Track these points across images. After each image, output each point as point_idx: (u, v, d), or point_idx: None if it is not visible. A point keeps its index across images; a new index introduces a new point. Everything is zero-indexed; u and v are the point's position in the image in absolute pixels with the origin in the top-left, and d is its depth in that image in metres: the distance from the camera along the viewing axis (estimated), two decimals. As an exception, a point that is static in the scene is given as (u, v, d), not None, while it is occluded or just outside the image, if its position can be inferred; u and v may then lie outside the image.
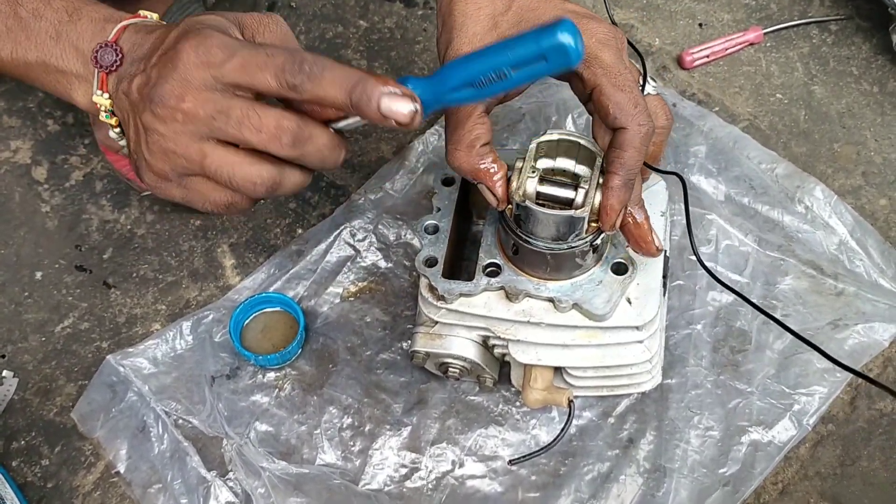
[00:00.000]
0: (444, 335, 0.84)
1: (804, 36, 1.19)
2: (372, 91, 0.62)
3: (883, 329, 0.95)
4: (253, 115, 0.65)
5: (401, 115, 0.63)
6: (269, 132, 0.65)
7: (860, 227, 1.00)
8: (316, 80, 0.63)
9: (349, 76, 0.63)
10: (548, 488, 0.88)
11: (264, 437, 0.91)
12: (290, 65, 0.63)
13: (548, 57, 0.61)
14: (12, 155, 1.09)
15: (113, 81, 0.70)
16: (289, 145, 0.65)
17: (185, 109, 0.65)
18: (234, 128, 0.65)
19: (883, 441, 0.91)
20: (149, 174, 0.70)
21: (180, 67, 0.65)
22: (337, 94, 0.63)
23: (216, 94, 0.65)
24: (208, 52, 0.65)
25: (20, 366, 0.96)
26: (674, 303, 0.96)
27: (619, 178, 0.72)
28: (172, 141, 0.66)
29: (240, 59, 0.64)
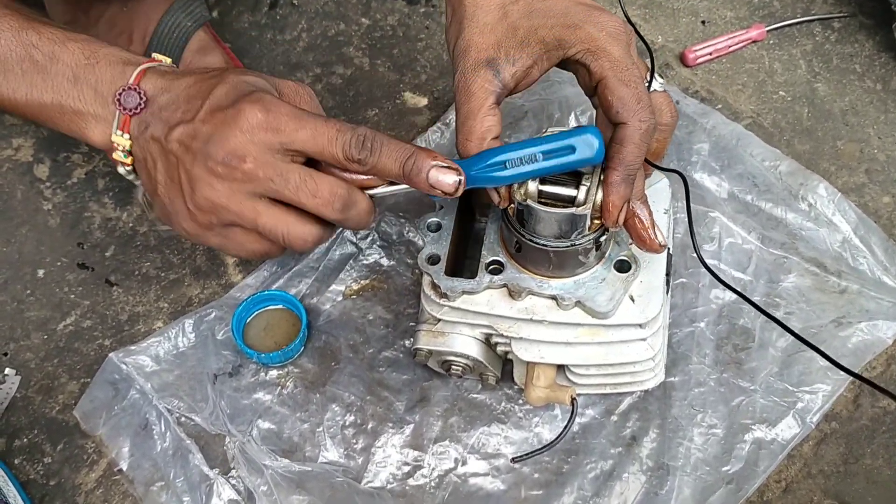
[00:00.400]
0: (447, 333, 0.84)
1: (807, 33, 1.18)
2: (422, 164, 0.70)
3: (886, 327, 0.95)
4: (310, 182, 0.70)
5: (446, 185, 0.71)
6: (324, 198, 0.71)
7: (864, 225, 1.00)
8: (376, 154, 0.71)
9: (403, 151, 0.71)
10: (551, 486, 0.88)
11: (267, 435, 0.91)
12: (356, 141, 0.70)
13: (576, 147, 0.71)
14: (14, 153, 1.09)
15: (136, 124, 0.73)
16: (339, 210, 0.72)
17: (245, 170, 0.69)
18: (292, 191, 0.70)
19: (886, 439, 0.91)
20: (189, 223, 0.73)
21: (245, 128, 0.69)
22: (392, 167, 0.71)
23: (276, 157, 0.70)
24: (278, 119, 0.69)
25: (22, 364, 0.96)
26: (677, 300, 0.96)
27: (618, 173, 0.72)
28: (226, 197, 0.71)
29: (311, 131, 0.70)
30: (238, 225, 0.72)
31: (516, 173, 0.72)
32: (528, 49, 0.73)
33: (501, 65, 0.72)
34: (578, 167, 0.72)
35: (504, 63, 0.72)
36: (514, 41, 0.73)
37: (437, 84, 1.14)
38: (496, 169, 0.71)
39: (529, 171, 0.72)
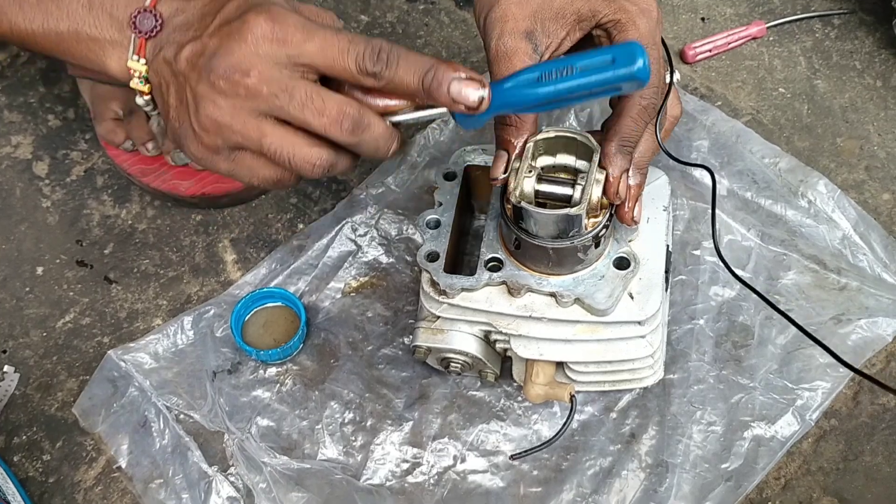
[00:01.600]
0: (446, 330, 0.84)
1: (807, 30, 1.18)
2: (443, 76, 0.65)
3: (886, 324, 0.95)
4: (317, 99, 0.65)
5: (469, 99, 0.65)
6: (331, 117, 0.66)
7: (864, 222, 1.00)
8: (392, 67, 0.65)
9: (422, 62, 0.65)
10: (549, 483, 0.88)
11: (266, 432, 0.91)
12: (370, 52, 0.65)
13: (615, 58, 0.64)
14: (13, 150, 1.09)
15: (151, 47, 0.70)
16: (348, 131, 0.66)
17: (248, 84, 0.65)
18: (297, 109, 0.66)
19: (886, 436, 0.91)
20: (196, 145, 0.69)
21: (249, 40, 0.65)
22: (410, 80, 0.65)
23: (284, 72, 0.65)
24: (285, 30, 0.65)
25: (21, 361, 0.96)
26: (676, 298, 0.96)
27: (613, 144, 0.73)
28: (230, 115, 0.66)
29: (320, 42, 0.65)
30: (245, 148, 0.68)
31: (552, 90, 0.65)
32: (562, 21, 0.73)
33: (539, 37, 0.72)
34: (619, 85, 0.65)
35: (541, 36, 0.72)
36: (551, 12, 0.72)
37: (437, 81, 1.14)
38: (529, 85, 0.66)
39: (565, 88, 0.65)
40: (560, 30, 0.73)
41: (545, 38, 0.72)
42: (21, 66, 1.15)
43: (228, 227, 1.04)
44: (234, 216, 1.05)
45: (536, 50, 0.72)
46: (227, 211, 1.05)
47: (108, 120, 1.04)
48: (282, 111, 0.66)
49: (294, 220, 1.05)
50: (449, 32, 1.18)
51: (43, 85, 1.14)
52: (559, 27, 0.73)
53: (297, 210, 1.05)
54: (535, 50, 0.72)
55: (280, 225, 1.04)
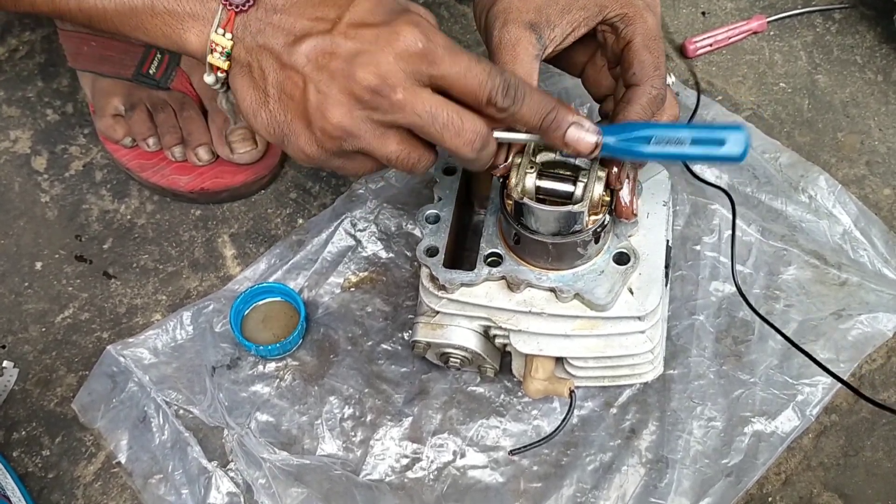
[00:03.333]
0: (445, 325, 0.84)
1: (808, 24, 1.18)
2: (562, 120, 0.68)
3: (887, 319, 0.94)
4: (457, 120, 0.66)
5: (583, 144, 0.68)
6: (467, 138, 0.67)
7: (864, 217, 1.00)
8: (519, 103, 0.67)
9: (546, 104, 0.67)
10: (550, 479, 0.88)
11: (265, 428, 0.91)
12: (503, 88, 0.66)
13: (726, 140, 0.68)
14: (12, 145, 1.09)
15: (240, 24, 0.66)
16: (477, 150, 0.68)
17: (395, 101, 0.65)
18: (437, 129, 0.66)
19: (886, 431, 0.91)
20: (311, 146, 0.68)
21: (401, 54, 0.64)
22: (532, 119, 0.68)
23: (425, 90, 0.65)
24: (435, 49, 0.65)
25: (20, 356, 0.96)
26: (676, 293, 0.96)
27: None
28: (363, 126, 0.66)
29: (464, 69, 0.65)
30: (367, 153, 0.68)
31: (660, 152, 0.69)
32: (568, 16, 0.73)
33: (543, 29, 0.73)
34: (718, 162, 0.70)
35: (546, 27, 0.73)
36: (556, 7, 0.73)
37: (436, 76, 1.14)
38: (640, 143, 0.69)
39: (673, 154, 0.69)
40: (566, 24, 0.73)
41: (549, 30, 0.73)
42: (19, 60, 1.15)
43: (228, 223, 1.04)
44: (233, 211, 1.05)
45: (540, 41, 0.72)
46: (227, 206, 1.05)
47: (108, 115, 1.04)
48: (420, 128, 0.66)
49: (293, 215, 1.04)
50: (449, 27, 1.18)
51: (41, 79, 1.14)
52: (565, 21, 0.73)
53: (297, 205, 1.05)
54: (539, 41, 0.72)
55: (279, 220, 1.04)
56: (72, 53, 1.05)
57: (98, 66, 1.04)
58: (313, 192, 1.06)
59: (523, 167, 0.74)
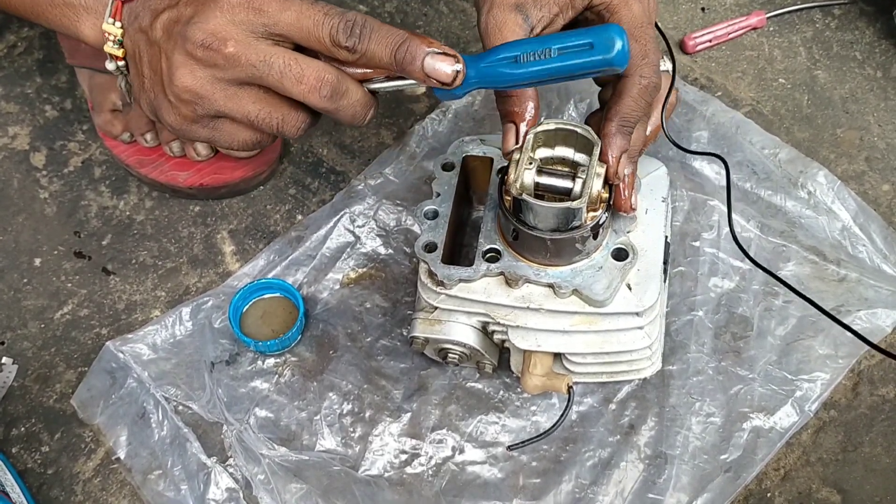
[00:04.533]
0: (444, 321, 0.84)
1: (807, 20, 1.18)
2: (416, 50, 0.64)
3: (886, 315, 0.94)
4: (295, 66, 0.65)
5: (443, 73, 0.65)
6: (310, 84, 0.66)
7: (863, 213, 1.00)
8: (365, 40, 0.65)
9: (395, 36, 0.65)
10: (548, 474, 0.88)
11: (264, 424, 0.91)
12: (344, 26, 0.65)
13: (594, 44, 0.64)
14: (10, 141, 1.09)
15: (128, 13, 0.69)
16: (327, 98, 0.66)
17: (227, 54, 0.65)
18: (276, 77, 0.65)
19: (885, 427, 0.91)
20: (173, 116, 0.69)
21: (225, 8, 0.65)
22: (383, 54, 0.65)
23: (260, 41, 0.65)
24: None
25: (19, 352, 0.96)
26: (675, 289, 0.96)
27: (613, 124, 0.74)
28: (209, 84, 0.66)
29: (295, 13, 0.65)
30: (226, 116, 0.69)
31: (528, 71, 0.65)
32: None
33: (530, 9, 0.72)
34: (596, 70, 0.65)
35: (532, 8, 0.72)
36: None
37: (435, 72, 1.14)
38: (506, 64, 0.66)
39: (543, 70, 0.65)
40: (553, 5, 0.73)
41: (537, 10, 0.72)
42: (18, 56, 1.15)
43: (227, 219, 1.04)
44: (232, 207, 1.05)
45: (527, 21, 0.72)
46: (226, 202, 1.05)
47: (107, 111, 1.04)
48: (261, 80, 0.66)
49: (292, 211, 1.04)
50: (448, 22, 1.18)
51: (40, 75, 1.14)
52: (552, 3, 0.73)
53: (296, 201, 1.05)
54: (526, 21, 0.72)
55: (278, 216, 1.04)
56: (69, 50, 1.05)
57: (95, 63, 1.03)
58: (312, 188, 1.06)
59: (522, 163, 0.74)
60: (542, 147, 0.77)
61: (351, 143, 1.09)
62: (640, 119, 0.76)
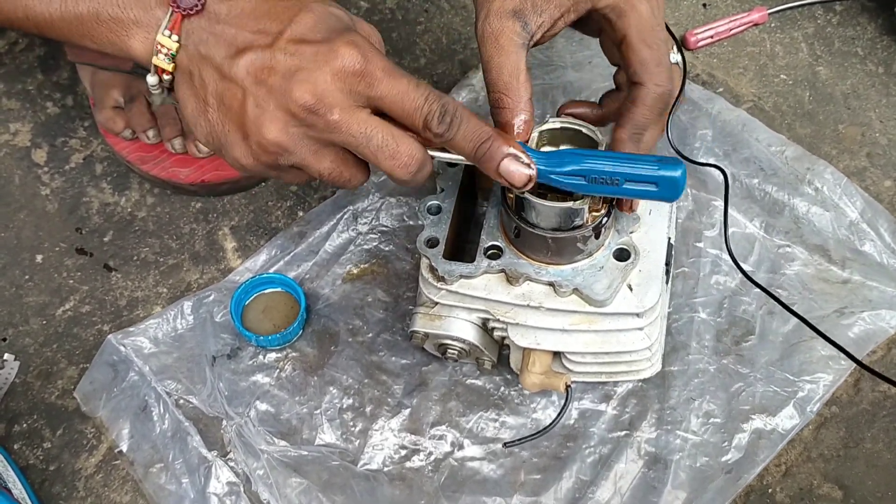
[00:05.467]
0: (444, 316, 0.84)
1: (809, 16, 1.17)
2: (496, 151, 0.67)
3: (890, 316, 0.94)
4: (392, 143, 0.66)
5: (516, 178, 0.67)
6: (401, 161, 0.67)
7: (871, 208, 0.99)
8: (453, 131, 0.66)
9: (481, 133, 0.67)
10: (548, 471, 0.88)
11: (265, 418, 0.91)
12: (439, 114, 0.66)
13: (659, 184, 0.67)
14: (12, 138, 1.09)
15: (187, 30, 0.67)
16: (412, 174, 0.68)
17: (330, 120, 0.65)
18: (372, 150, 0.66)
19: (887, 423, 0.91)
20: (248, 159, 0.69)
21: (338, 73, 0.64)
22: (466, 147, 0.67)
23: (363, 112, 0.66)
24: (374, 70, 0.65)
25: (21, 349, 0.96)
26: (677, 289, 0.96)
27: (626, 131, 0.73)
28: (299, 142, 0.67)
29: (400, 91, 0.65)
30: (301, 167, 0.69)
31: (594, 188, 0.69)
32: (556, 1, 0.71)
33: (529, 15, 0.71)
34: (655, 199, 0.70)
35: (531, 14, 0.71)
36: None
37: (437, 68, 1.14)
38: (576, 179, 0.69)
39: (606, 191, 0.69)
40: (553, 9, 0.72)
41: (537, 16, 0.71)
42: (19, 52, 1.15)
43: (228, 215, 1.04)
44: (233, 204, 1.05)
45: (526, 28, 0.71)
46: (227, 198, 1.05)
47: (109, 108, 1.04)
48: (356, 149, 0.67)
49: (294, 207, 1.04)
50: (449, 19, 1.17)
51: (41, 72, 1.14)
52: (553, 7, 0.71)
53: (297, 198, 1.05)
54: (525, 28, 0.71)
55: (280, 212, 1.04)
56: (71, 47, 1.05)
57: (97, 59, 1.03)
58: (314, 184, 1.06)
59: None
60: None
61: (352, 140, 1.09)
62: (653, 124, 0.75)
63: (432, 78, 1.13)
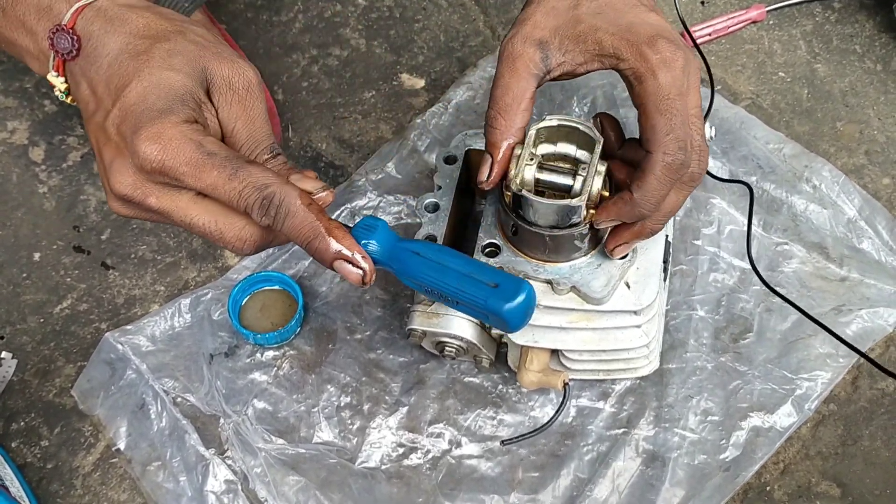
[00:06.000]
0: (442, 314, 0.84)
1: (807, 13, 1.17)
2: (325, 251, 0.64)
3: (888, 314, 0.94)
4: (215, 229, 0.65)
5: (350, 278, 0.65)
6: (232, 245, 0.66)
7: (869, 206, 0.99)
8: (279, 223, 0.64)
9: (308, 230, 0.64)
10: (546, 468, 0.88)
11: (262, 416, 0.91)
12: (260, 206, 0.63)
13: (489, 316, 0.65)
14: (9, 136, 1.09)
15: (69, 70, 0.68)
16: (251, 252, 0.67)
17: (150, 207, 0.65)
18: (199, 234, 0.66)
19: (885, 421, 0.91)
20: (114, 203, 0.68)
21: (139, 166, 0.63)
22: (296, 240, 0.65)
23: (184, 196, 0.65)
24: (176, 167, 0.62)
25: (19, 347, 0.96)
26: (675, 286, 0.96)
27: (632, 195, 0.71)
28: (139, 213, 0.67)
29: (209, 185, 0.63)
30: None
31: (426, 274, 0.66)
32: (582, 45, 0.71)
33: (552, 51, 0.71)
34: (486, 316, 0.66)
35: (555, 50, 0.71)
36: (573, 32, 0.71)
37: (435, 65, 1.14)
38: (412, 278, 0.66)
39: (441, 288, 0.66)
40: (578, 54, 0.71)
41: (560, 55, 0.71)
42: (17, 50, 1.15)
43: (226, 213, 1.04)
44: (231, 201, 1.05)
45: (545, 61, 0.71)
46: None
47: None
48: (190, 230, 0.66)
49: (291, 205, 1.04)
50: (447, 16, 1.17)
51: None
52: (577, 51, 0.71)
53: (295, 195, 1.05)
54: (544, 61, 0.71)
55: (277, 210, 1.04)
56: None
57: None
58: (311, 182, 1.05)
59: (523, 159, 0.74)
60: (545, 143, 0.76)
61: (350, 138, 1.09)
62: (664, 199, 0.72)
63: (430, 75, 1.13)
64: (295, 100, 1.11)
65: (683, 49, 0.71)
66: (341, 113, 1.10)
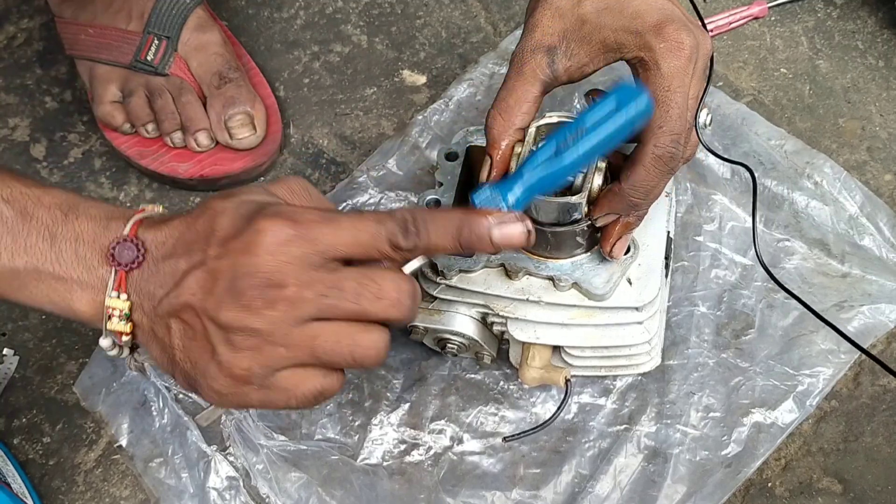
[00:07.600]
0: (443, 311, 0.84)
1: (809, 10, 1.17)
2: (480, 228, 0.62)
3: (889, 310, 0.94)
4: (371, 284, 0.60)
5: (516, 237, 0.63)
6: (392, 298, 0.61)
7: (870, 203, 0.99)
8: (423, 235, 0.61)
9: (452, 222, 0.62)
10: (548, 465, 0.88)
11: (264, 412, 0.91)
12: (400, 229, 0.61)
13: (618, 97, 0.63)
14: (10, 132, 1.09)
15: (135, 283, 0.63)
16: (409, 307, 0.61)
17: (288, 296, 0.59)
18: (352, 301, 0.60)
19: (887, 417, 0.91)
20: (223, 380, 0.61)
21: (272, 249, 0.59)
22: (447, 243, 0.62)
23: (320, 271, 0.60)
24: (309, 228, 0.60)
25: (21, 344, 0.96)
26: (676, 282, 0.96)
27: (622, 187, 0.72)
28: (272, 334, 0.59)
29: (349, 232, 0.60)
30: (294, 365, 0.61)
31: (575, 155, 0.64)
32: (587, 46, 0.71)
33: (559, 57, 0.71)
34: (634, 125, 0.64)
35: (562, 56, 0.71)
36: (578, 34, 0.71)
37: (436, 62, 1.14)
38: (550, 162, 0.65)
39: (588, 147, 0.64)
40: (583, 55, 0.72)
41: (566, 59, 0.72)
42: (17, 47, 1.15)
43: (227, 209, 1.04)
44: (232, 198, 1.04)
45: (551, 66, 0.71)
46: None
47: (107, 102, 1.04)
48: (334, 309, 0.60)
49: (293, 201, 1.04)
50: (449, 13, 1.17)
51: (40, 67, 1.13)
52: (583, 52, 0.72)
53: (296, 192, 1.05)
54: (550, 66, 0.71)
55: (279, 207, 1.04)
56: (69, 41, 1.05)
57: (96, 54, 1.03)
58: (312, 179, 1.06)
59: (524, 156, 0.74)
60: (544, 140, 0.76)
61: (351, 134, 1.09)
62: (654, 189, 0.72)
63: (432, 72, 1.13)
64: (296, 96, 1.11)
65: (692, 32, 0.70)
66: (343, 109, 1.10)
